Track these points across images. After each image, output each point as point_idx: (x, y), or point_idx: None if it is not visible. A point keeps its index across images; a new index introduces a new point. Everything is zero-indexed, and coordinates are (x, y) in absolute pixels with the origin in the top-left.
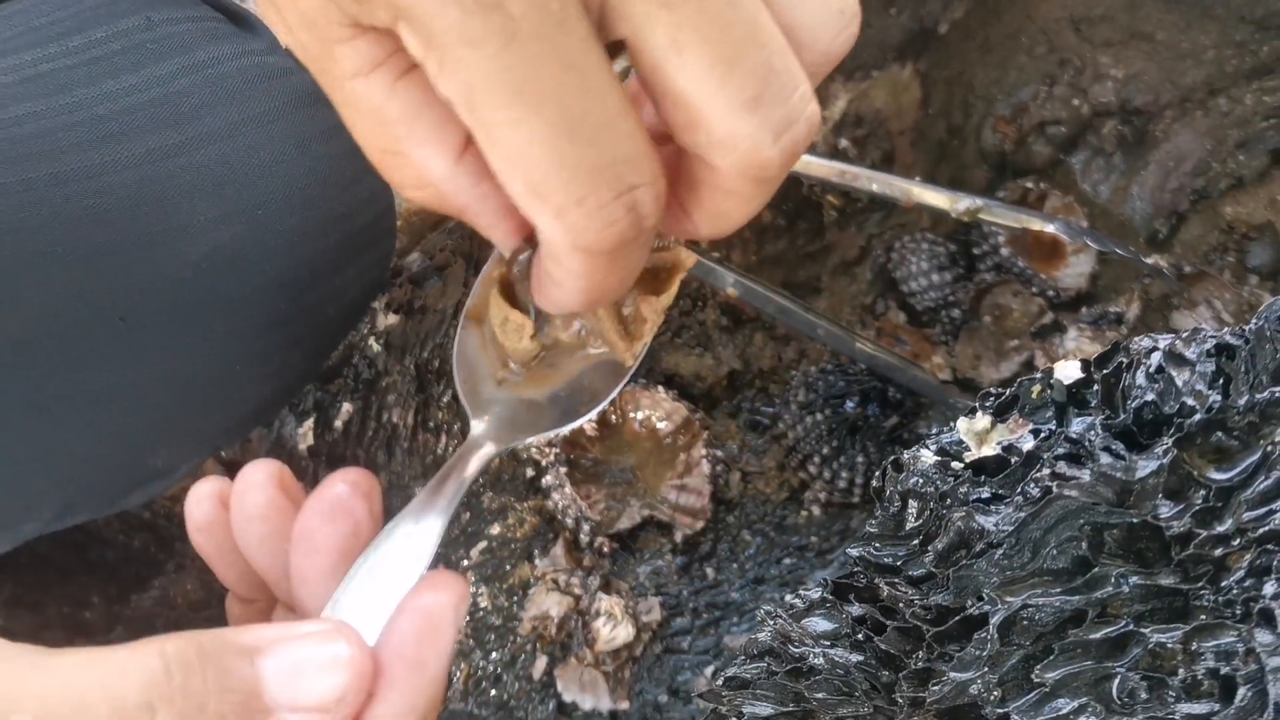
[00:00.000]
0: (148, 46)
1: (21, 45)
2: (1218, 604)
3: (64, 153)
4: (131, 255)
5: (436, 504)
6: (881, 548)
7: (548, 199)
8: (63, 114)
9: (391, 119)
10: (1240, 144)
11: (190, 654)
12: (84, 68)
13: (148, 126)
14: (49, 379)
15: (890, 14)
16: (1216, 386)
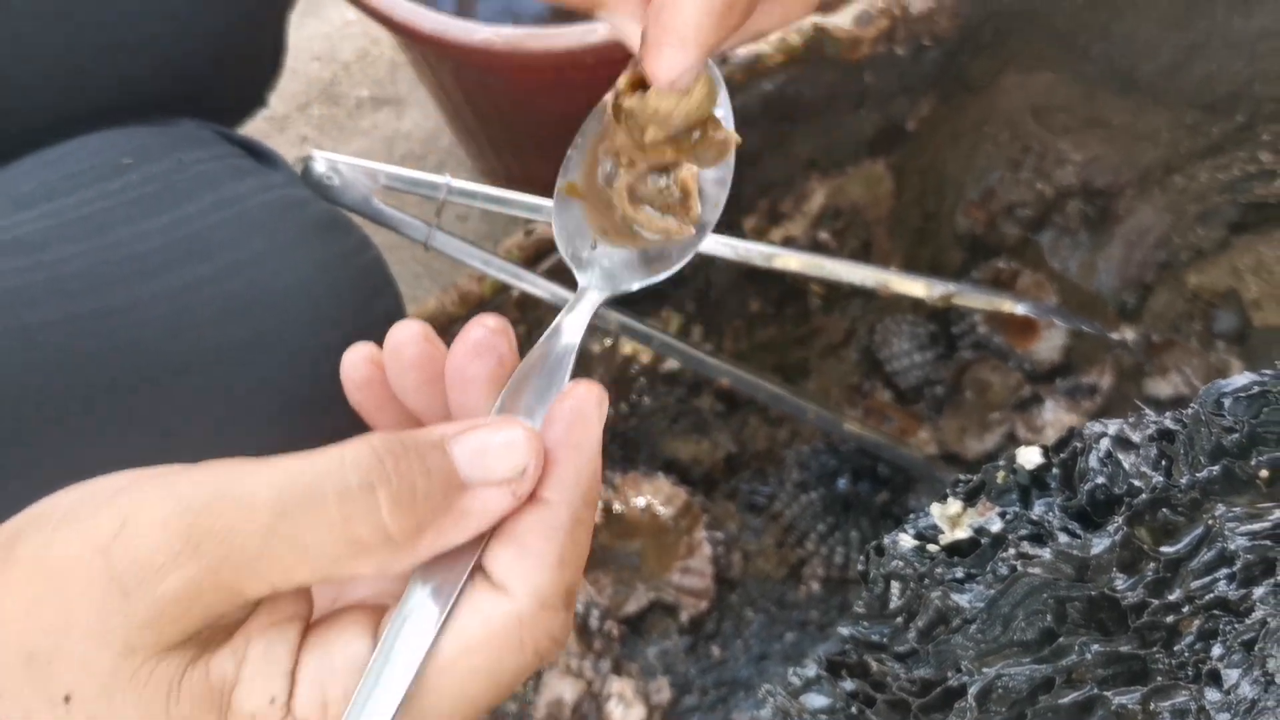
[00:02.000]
0: (180, 186)
1: (63, 190)
2: (1172, 667)
3: (107, 288)
4: (170, 381)
5: (563, 336)
6: (869, 626)
7: None
8: (104, 252)
9: None
10: (1199, 218)
11: (395, 444)
12: (122, 209)
13: (183, 260)
14: None
15: (860, 114)
16: (1160, 468)
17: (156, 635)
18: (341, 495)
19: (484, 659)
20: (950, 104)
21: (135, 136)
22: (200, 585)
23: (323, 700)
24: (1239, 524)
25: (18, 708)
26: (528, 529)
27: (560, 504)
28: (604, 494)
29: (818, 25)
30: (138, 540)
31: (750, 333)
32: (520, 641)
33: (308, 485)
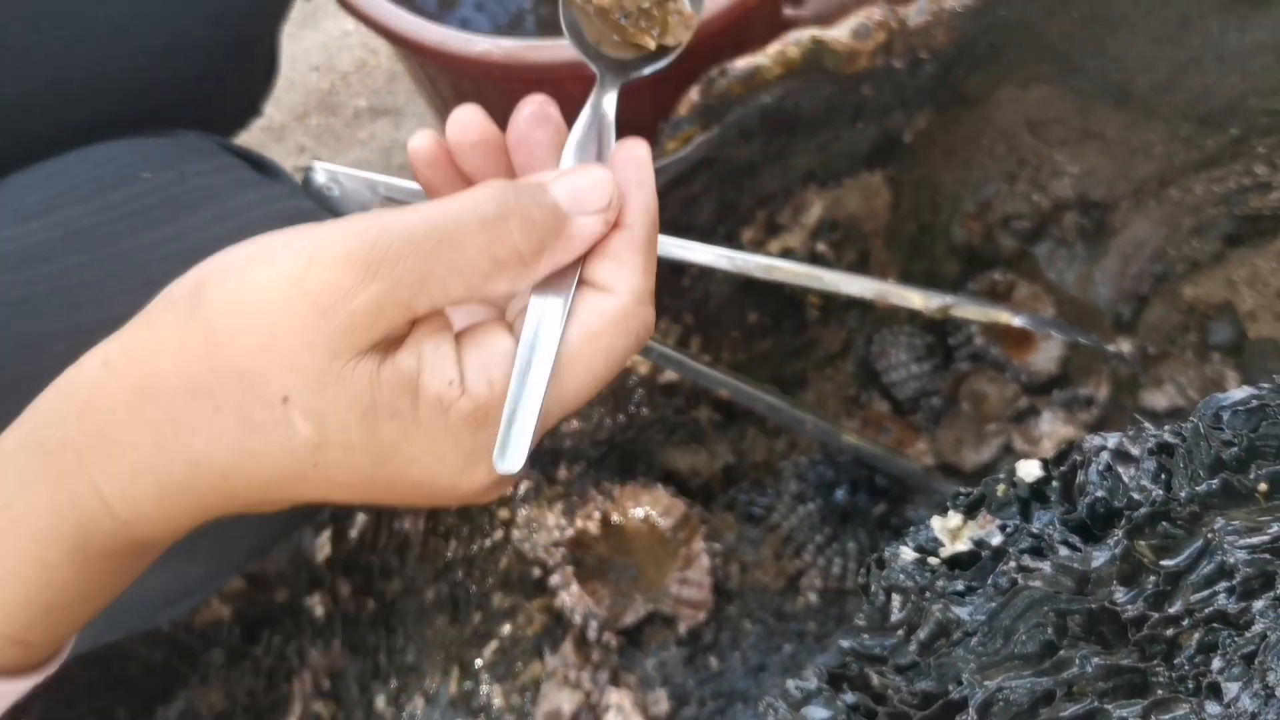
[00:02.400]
0: (182, 198)
1: (66, 201)
2: (1172, 680)
3: (110, 300)
4: None
5: (603, 102)
6: (870, 639)
7: None
8: (107, 264)
9: None
10: (1194, 230)
11: (513, 185)
12: (125, 220)
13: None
14: None
15: (857, 127)
16: (1159, 481)
17: (353, 341)
18: (483, 224)
19: (603, 342)
20: (947, 117)
21: (138, 148)
22: (382, 302)
23: (488, 380)
24: (1238, 537)
25: (237, 417)
26: (619, 246)
27: (637, 226)
28: (601, 505)
29: (815, 38)
30: (326, 270)
31: (748, 344)
32: (627, 327)
33: (456, 219)
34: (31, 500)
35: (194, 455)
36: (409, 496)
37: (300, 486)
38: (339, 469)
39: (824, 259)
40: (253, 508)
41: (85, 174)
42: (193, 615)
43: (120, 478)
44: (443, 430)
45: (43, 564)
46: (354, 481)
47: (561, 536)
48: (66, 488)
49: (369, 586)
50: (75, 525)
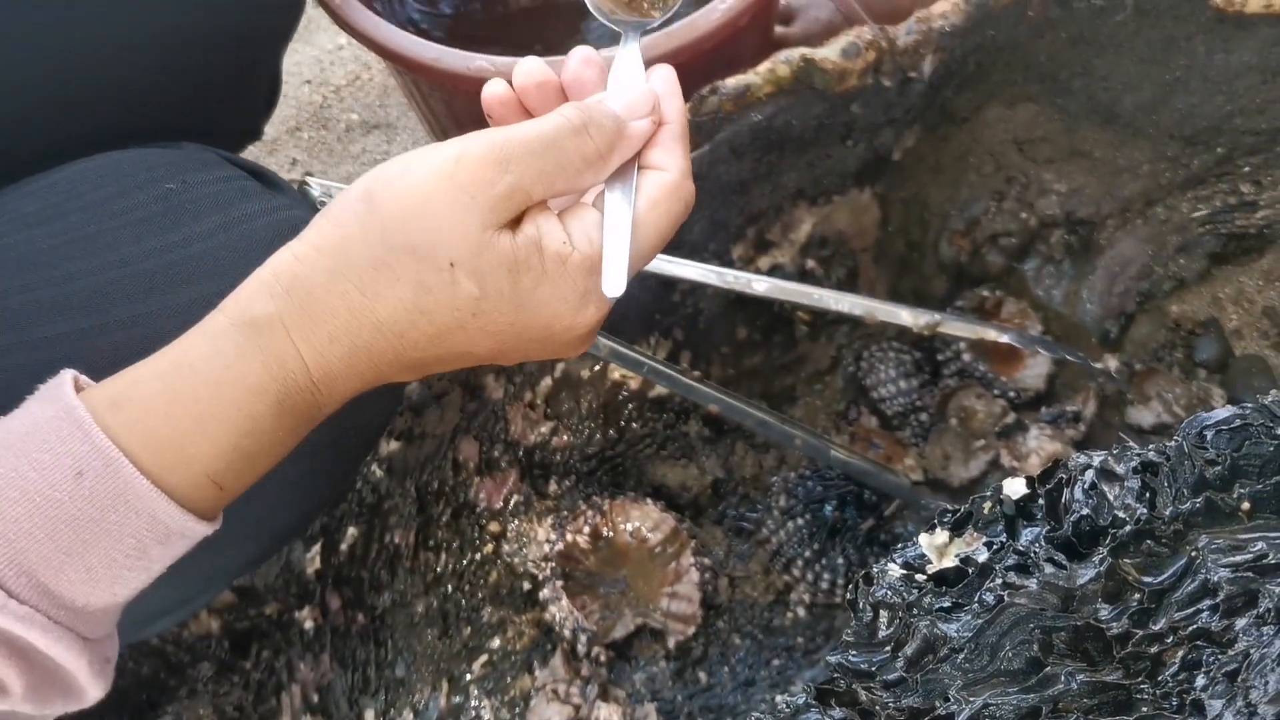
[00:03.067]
0: (185, 207)
1: (70, 209)
2: (1156, 696)
3: (113, 305)
4: None
5: (629, 51)
6: (858, 655)
7: None
8: (110, 270)
9: None
10: (1180, 248)
11: (582, 106)
12: (129, 228)
13: (188, 279)
14: None
15: (847, 146)
16: (1143, 500)
17: (496, 218)
18: (573, 131)
19: (663, 206)
20: (935, 135)
21: (142, 158)
22: (513, 189)
23: (589, 239)
24: (1221, 555)
25: (413, 283)
26: (665, 138)
27: (675, 122)
28: (592, 519)
29: (805, 57)
30: (471, 165)
31: (738, 360)
32: (680, 195)
33: (555, 130)
34: (247, 363)
35: (379, 317)
36: (538, 340)
37: (459, 337)
38: (493, 315)
39: (813, 275)
40: (411, 370)
41: (89, 182)
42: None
43: (319, 342)
44: (562, 275)
45: (251, 414)
46: (501, 328)
47: (551, 550)
48: (276, 353)
49: (359, 600)
50: (280, 383)
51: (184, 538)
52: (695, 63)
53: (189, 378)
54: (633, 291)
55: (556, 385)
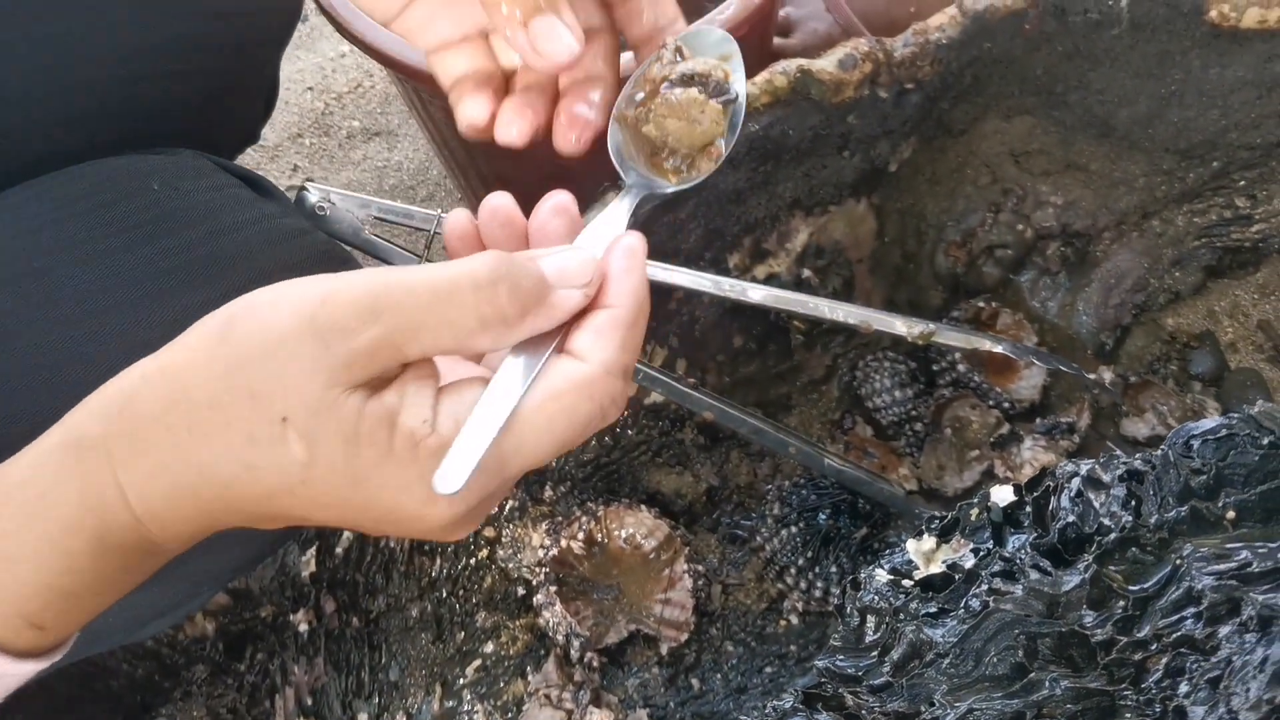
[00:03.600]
0: (177, 215)
1: (64, 216)
2: (1139, 703)
3: (105, 313)
4: None
5: (619, 207)
6: (845, 659)
7: None
8: (103, 278)
9: None
10: (1175, 262)
11: (506, 257)
12: (122, 236)
13: (181, 286)
14: None
15: (844, 156)
16: (1129, 508)
17: (350, 375)
18: (475, 286)
19: (565, 402)
20: (932, 147)
21: (136, 165)
22: (379, 343)
23: (456, 423)
24: (1206, 564)
25: (243, 432)
26: (601, 322)
27: (621, 307)
28: (586, 525)
29: (803, 68)
30: (336, 310)
31: (733, 368)
32: (591, 394)
33: (452, 280)
34: (62, 491)
35: (203, 461)
36: (381, 522)
37: (289, 502)
38: (323, 488)
39: (809, 285)
40: (250, 521)
41: (83, 190)
42: (176, 631)
43: (139, 475)
44: (411, 462)
45: (66, 551)
46: (334, 502)
47: (545, 556)
48: (94, 482)
49: (353, 603)
50: (97, 517)
51: (8, 676)
52: None
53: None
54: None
55: None
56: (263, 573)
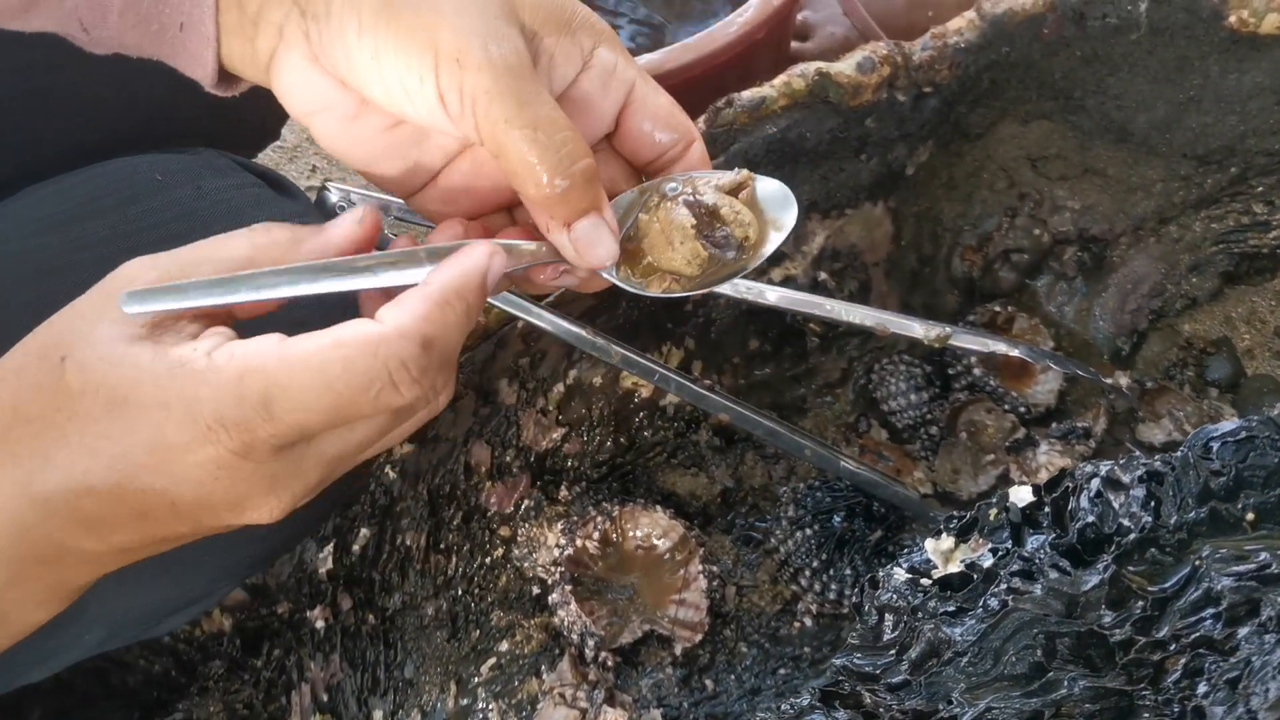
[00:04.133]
0: (198, 214)
1: (85, 214)
2: (1158, 703)
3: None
4: None
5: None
6: (862, 658)
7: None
8: None
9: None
10: (1192, 267)
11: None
12: (142, 235)
13: None
14: None
15: (861, 160)
16: (1148, 509)
17: (143, 332)
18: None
19: (345, 352)
20: (949, 151)
21: (157, 164)
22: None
23: (232, 355)
24: (1225, 565)
25: (29, 381)
26: (408, 294)
27: (434, 284)
28: (601, 525)
29: (821, 71)
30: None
31: (749, 370)
32: (375, 351)
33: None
34: None
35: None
36: (142, 472)
37: (67, 456)
38: (88, 422)
39: (825, 287)
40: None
41: (104, 188)
42: (193, 627)
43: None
44: (170, 380)
45: None
46: (99, 443)
47: (561, 555)
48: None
49: (369, 600)
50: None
51: None
52: (711, 75)
53: None
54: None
55: (569, 392)
56: (280, 569)
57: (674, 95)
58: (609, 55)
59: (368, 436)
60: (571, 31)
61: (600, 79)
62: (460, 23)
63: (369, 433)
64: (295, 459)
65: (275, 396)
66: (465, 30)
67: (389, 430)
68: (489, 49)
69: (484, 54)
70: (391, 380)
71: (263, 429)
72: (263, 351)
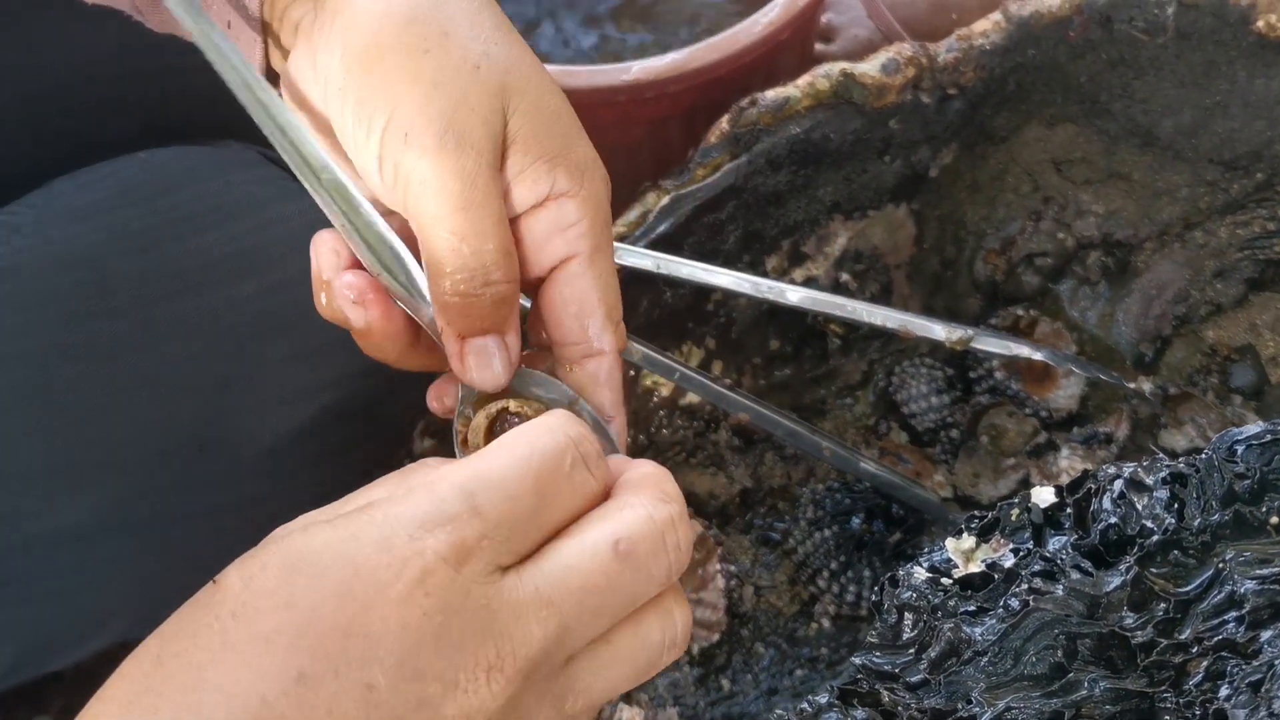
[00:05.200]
0: (227, 206)
1: (115, 205)
2: (1179, 706)
3: (154, 303)
4: (210, 393)
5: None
6: (881, 656)
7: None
8: (152, 268)
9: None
10: (1217, 273)
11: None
12: (171, 227)
13: (227, 278)
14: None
15: (884, 161)
16: (1172, 511)
17: None
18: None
19: (523, 434)
20: (973, 153)
21: (185, 156)
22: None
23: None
24: (1249, 568)
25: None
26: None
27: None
28: None
29: (845, 71)
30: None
31: (769, 371)
32: (550, 425)
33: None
34: None
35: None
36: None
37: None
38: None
39: (847, 289)
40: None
41: (134, 179)
42: None
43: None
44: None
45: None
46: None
47: None
48: None
49: None
50: None
51: None
52: (735, 75)
53: None
54: (666, 300)
55: None
56: None
57: (698, 95)
58: (574, 212)
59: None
60: (552, 162)
61: (549, 225)
62: (430, 96)
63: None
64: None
65: (475, 488)
66: (429, 108)
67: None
68: (445, 138)
69: (436, 141)
70: (579, 454)
71: (471, 526)
72: (444, 466)
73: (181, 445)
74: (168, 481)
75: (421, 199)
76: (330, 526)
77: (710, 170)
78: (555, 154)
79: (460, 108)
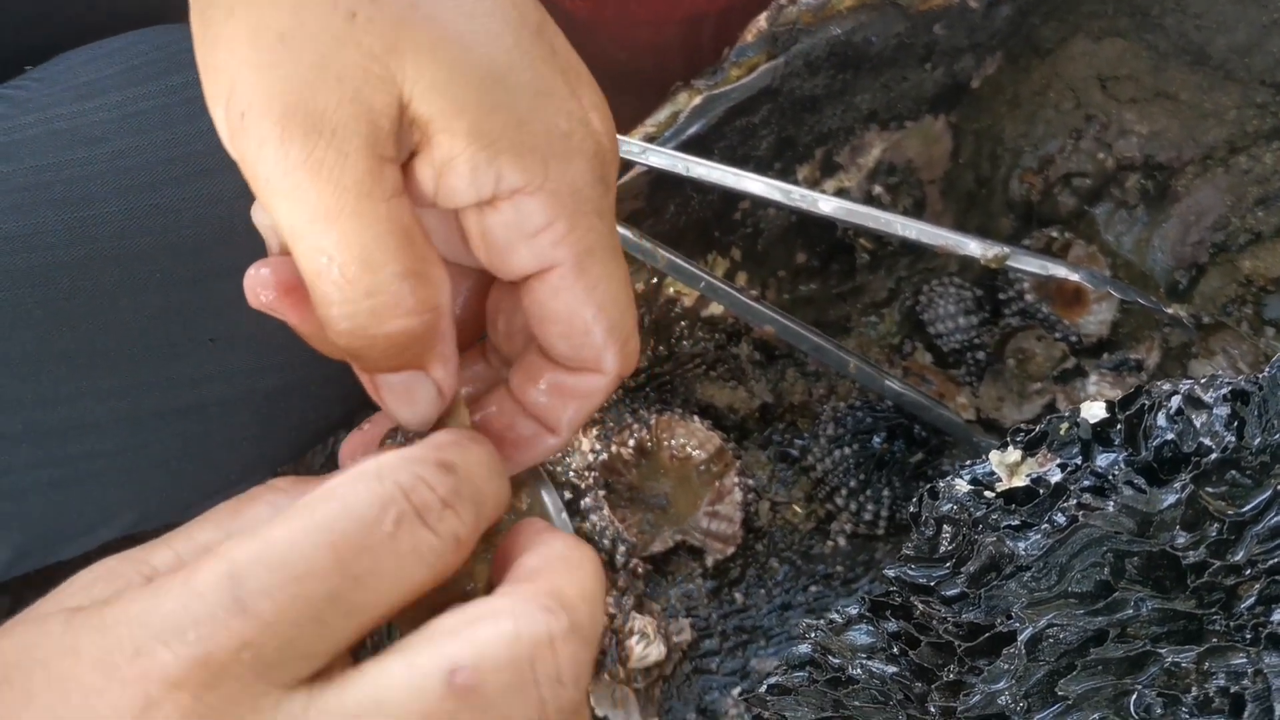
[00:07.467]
0: None
1: (123, 82)
2: (1229, 628)
3: (163, 185)
4: (221, 283)
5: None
6: (917, 569)
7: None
8: (162, 149)
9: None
10: (1260, 201)
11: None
12: (182, 106)
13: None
14: (143, 394)
15: (925, 69)
16: (1231, 429)
17: None
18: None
19: (337, 486)
20: (1017, 65)
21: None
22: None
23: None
24: None
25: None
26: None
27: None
28: (637, 432)
29: None
30: None
31: (794, 285)
32: (378, 473)
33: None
34: None
35: None
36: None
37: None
38: None
39: (880, 202)
40: None
41: (145, 56)
42: None
43: None
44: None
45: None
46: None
47: (595, 460)
48: None
49: None
50: None
51: None
52: None
53: None
54: (693, 206)
55: None
56: (311, 459)
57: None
58: (538, 213)
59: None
60: (492, 148)
61: (507, 231)
62: (274, 60)
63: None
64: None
65: (247, 573)
66: (270, 75)
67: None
68: (289, 119)
69: (278, 124)
70: (413, 505)
71: (228, 631)
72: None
73: (192, 336)
74: (179, 373)
75: (274, 207)
76: (65, 626)
77: (745, 70)
78: (495, 135)
79: (317, 75)
